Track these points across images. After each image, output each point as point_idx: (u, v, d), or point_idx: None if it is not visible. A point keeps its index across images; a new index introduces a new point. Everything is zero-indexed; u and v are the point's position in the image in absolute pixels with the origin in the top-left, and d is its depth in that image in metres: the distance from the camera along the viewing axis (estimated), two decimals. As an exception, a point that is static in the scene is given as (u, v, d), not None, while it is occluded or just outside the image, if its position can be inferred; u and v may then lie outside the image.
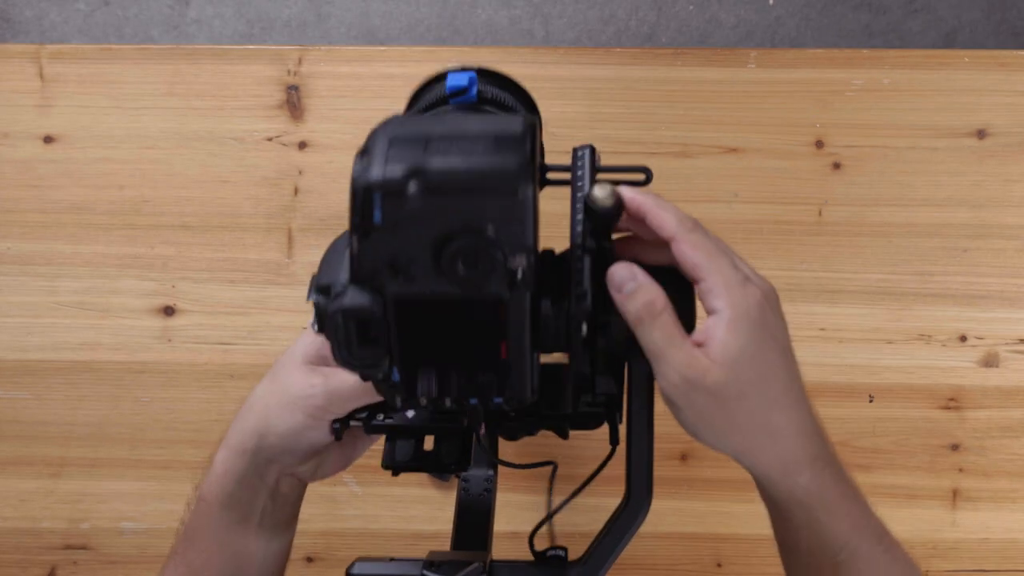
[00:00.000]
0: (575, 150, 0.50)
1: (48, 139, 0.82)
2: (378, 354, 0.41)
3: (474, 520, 0.58)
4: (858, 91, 0.81)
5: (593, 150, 0.50)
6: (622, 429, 0.51)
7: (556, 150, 0.59)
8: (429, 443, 0.55)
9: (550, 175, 0.51)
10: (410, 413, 0.53)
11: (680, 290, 0.45)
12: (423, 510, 0.81)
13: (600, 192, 0.45)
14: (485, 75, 0.52)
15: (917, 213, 0.81)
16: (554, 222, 0.57)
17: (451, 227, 0.38)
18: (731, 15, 0.85)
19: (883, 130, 0.81)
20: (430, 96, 0.51)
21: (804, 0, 0.85)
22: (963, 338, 0.81)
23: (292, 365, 0.52)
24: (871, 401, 0.81)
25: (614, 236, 0.48)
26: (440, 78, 0.52)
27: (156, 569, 0.58)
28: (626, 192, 0.46)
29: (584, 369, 0.47)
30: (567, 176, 0.50)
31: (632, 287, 0.45)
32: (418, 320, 0.41)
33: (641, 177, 0.51)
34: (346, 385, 0.49)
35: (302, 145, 0.82)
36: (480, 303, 0.40)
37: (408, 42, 0.86)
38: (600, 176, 0.50)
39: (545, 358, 0.47)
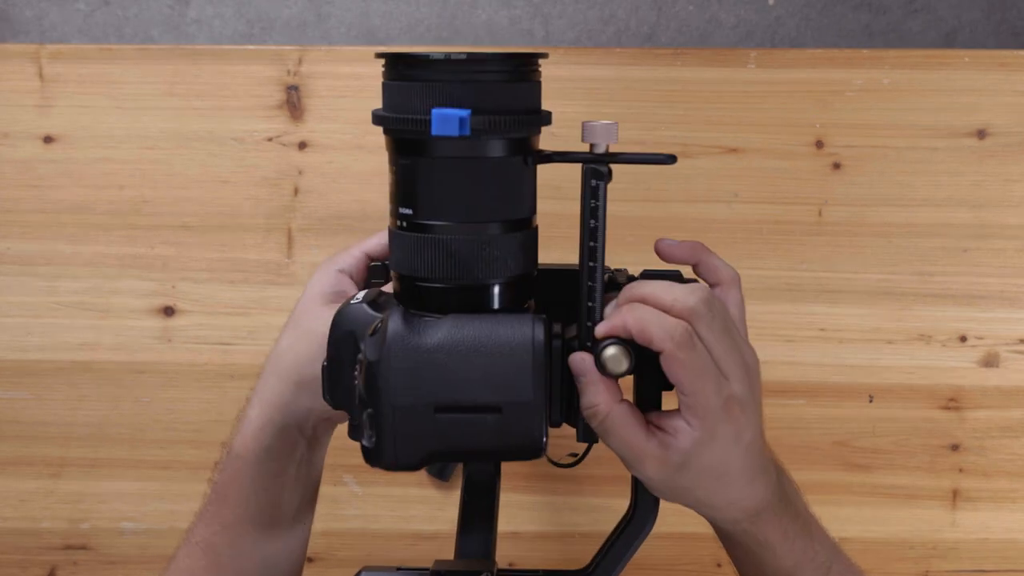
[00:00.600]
0: (589, 179, 0.47)
1: (48, 139, 0.82)
2: None
3: (478, 526, 0.58)
4: (858, 91, 0.81)
5: (607, 177, 0.48)
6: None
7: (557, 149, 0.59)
8: None
9: (559, 158, 0.50)
10: None
11: None
12: (423, 510, 0.81)
13: (612, 364, 0.46)
14: (473, 67, 0.46)
15: (917, 213, 0.81)
16: (550, 221, 0.57)
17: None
18: (731, 15, 0.85)
19: (883, 130, 0.81)
20: (414, 113, 0.45)
21: (804, 0, 0.85)
22: (963, 338, 0.81)
23: (314, 308, 0.53)
24: (871, 401, 0.81)
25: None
26: (428, 63, 0.45)
27: (156, 569, 0.58)
28: (610, 322, 0.46)
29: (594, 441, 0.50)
30: (575, 157, 0.50)
31: (581, 383, 0.46)
32: None
33: (664, 163, 0.50)
34: None
35: (302, 145, 0.82)
36: None
37: (408, 42, 0.86)
38: (621, 160, 0.49)
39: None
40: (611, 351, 0.46)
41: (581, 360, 0.46)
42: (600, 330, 0.47)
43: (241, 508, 0.53)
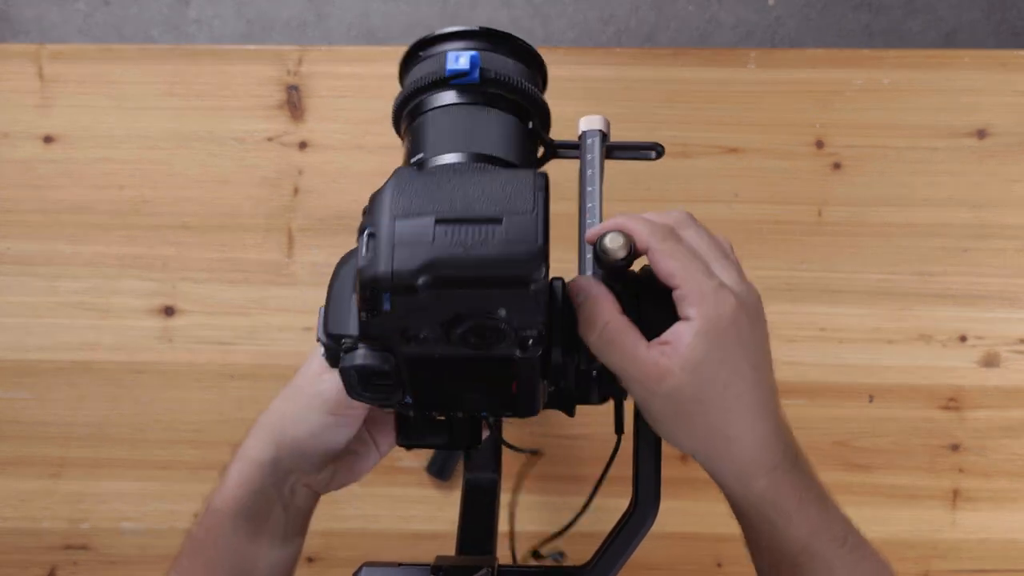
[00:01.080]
0: (583, 133, 0.49)
1: (48, 139, 0.82)
2: (390, 395, 0.42)
3: (479, 523, 0.58)
4: (858, 91, 0.81)
5: (604, 135, 0.50)
6: (628, 435, 0.51)
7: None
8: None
9: (560, 151, 0.51)
10: None
11: (660, 295, 0.45)
12: (423, 510, 0.81)
13: (612, 244, 0.45)
14: (486, 39, 0.50)
15: (917, 213, 0.81)
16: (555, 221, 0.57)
17: (461, 312, 0.38)
18: (731, 15, 0.85)
19: (883, 130, 0.81)
20: (428, 70, 0.50)
21: (804, 0, 0.85)
22: (963, 338, 0.81)
23: (311, 370, 0.52)
24: (871, 401, 0.81)
25: None
26: (442, 38, 0.51)
27: (156, 569, 0.58)
28: (599, 225, 0.46)
29: (594, 401, 0.47)
30: (576, 151, 0.50)
31: (580, 299, 0.45)
32: (430, 371, 0.41)
33: (651, 155, 0.51)
34: None
35: (302, 145, 0.82)
36: (491, 359, 0.40)
37: (408, 42, 0.86)
38: (612, 151, 0.50)
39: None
40: (609, 235, 0.45)
41: (580, 278, 0.46)
42: (591, 233, 0.46)
43: (215, 561, 0.53)
